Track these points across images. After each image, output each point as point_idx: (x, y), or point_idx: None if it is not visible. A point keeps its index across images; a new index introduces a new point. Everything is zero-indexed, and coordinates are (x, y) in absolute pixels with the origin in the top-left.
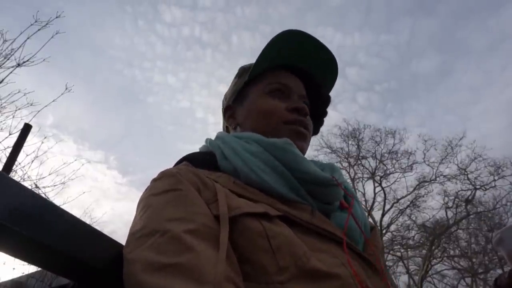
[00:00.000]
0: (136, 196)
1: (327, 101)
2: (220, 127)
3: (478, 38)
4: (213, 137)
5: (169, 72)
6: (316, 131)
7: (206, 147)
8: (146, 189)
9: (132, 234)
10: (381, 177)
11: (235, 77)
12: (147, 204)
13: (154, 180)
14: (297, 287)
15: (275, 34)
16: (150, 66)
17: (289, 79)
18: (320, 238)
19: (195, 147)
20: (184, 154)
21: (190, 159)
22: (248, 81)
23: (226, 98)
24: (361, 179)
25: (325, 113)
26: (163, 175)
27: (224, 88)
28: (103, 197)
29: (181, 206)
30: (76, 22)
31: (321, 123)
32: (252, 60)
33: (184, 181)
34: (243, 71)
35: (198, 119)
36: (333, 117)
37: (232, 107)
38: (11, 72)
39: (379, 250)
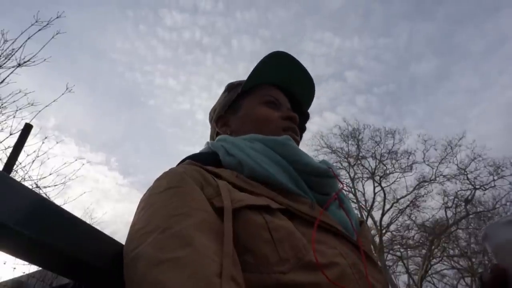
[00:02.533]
0: (137, 197)
1: (306, 117)
2: None
3: (475, 41)
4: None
5: (170, 75)
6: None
7: (208, 148)
8: (148, 189)
9: (134, 232)
10: (380, 177)
11: (224, 92)
12: (149, 202)
13: (156, 180)
14: (298, 276)
15: (274, 38)
16: (151, 69)
17: (278, 94)
18: (319, 230)
19: (196, 149)
20: (185, 155)
21: (194, 158)
22: (240, 93)
23: (215, 110)
24: (361, 179)
25: (304, 129)
26: (166, 174)
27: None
28: (104, 198)
29: (182, 202)
30: (78, 26)
31: (300, 138)
32: (252, 63)
33: (186, 178)
34: (232, 86)
35: (198, 121)
36: (332, 119)
37: (225, 116)
38: (11, 72)
39: (369, 242)
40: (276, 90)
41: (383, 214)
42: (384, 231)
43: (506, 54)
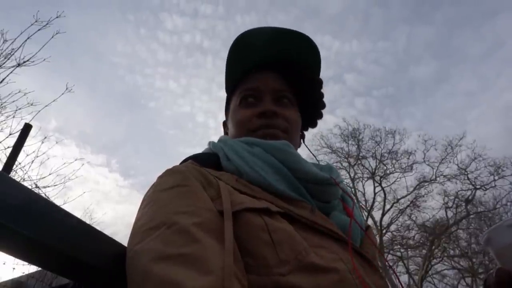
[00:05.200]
0: (137, 198)
1: (318, 83)
2: (219, 131)
3: (473, 45)
4: (215, 141)
5: (170, 78)
6: (318, 117)
7: (210, 149)
8: (152, 185)
9: (138, 227)
10: (381, 177)
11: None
12: (153, 199)
13: (160, 177)
14: (297, 279)
15: None
16: (152, 72)
17: (257, 81)
18: (319, 235)
19: (196, 151)
20: (185, 157)
21: (195, 158)
22: (228, 97)
23: None
24: (361, 179)
25: (321, 95)
26: (170, 172)
27: (224, 93)
28: (104, 200)
29: (188, 200)
30: (79, 29)
31: (321, 106)
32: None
33: (191, 177)
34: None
35: (198, 123)
36: (332, 122)
37: (226, 121)
38: (11, 72)
39: (374, 248)
40: (258, 75)
41: (383, 214)
42: (384, 231)
43: (504, 57)
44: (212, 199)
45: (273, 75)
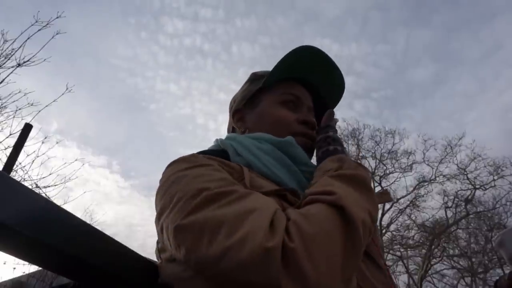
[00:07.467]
0: (138, 199)
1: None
2: (219, 133)
3: (472, 47)
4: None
5: (171, 81)
6: None
7: (217, 146)
8: (165, 171)
9: (175, 203)
10: (380, 177)
11: (246, 82)
12: (178, 177)
13: (173, 162)
14: None
15: (274, 44)
16: (153, 75)
17: (300, 91)
18: None
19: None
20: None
21: (204, 153)
22: (261, 88)
23: (235, 101)
24: None
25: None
26: (186, 158)
27: (224, 95)
28: (105, 201)
29: (217, 173)
30: (81, 32)
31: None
32: (251, 69)
33: (211, 160)
34: (255, 77)
35: (199, 125)
36: None
37: (242, 110)
38: (11, 72)
39: (378, 247)
40: (298, 87)
41: (383, 214)
42: (384, 231)
43: (502, 58)
44: (237, 180)
45: (309, 94)
